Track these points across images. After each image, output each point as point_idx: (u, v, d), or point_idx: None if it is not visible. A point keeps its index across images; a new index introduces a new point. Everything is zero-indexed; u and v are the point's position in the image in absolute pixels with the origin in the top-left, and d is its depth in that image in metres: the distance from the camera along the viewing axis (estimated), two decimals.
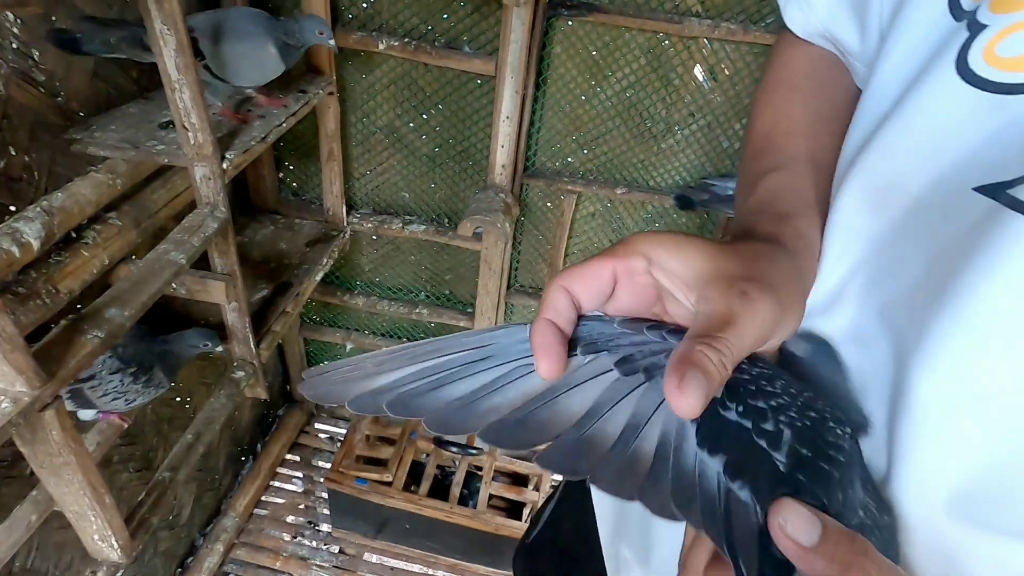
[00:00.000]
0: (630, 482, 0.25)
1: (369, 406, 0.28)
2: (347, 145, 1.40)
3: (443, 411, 0.27)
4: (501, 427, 0.26)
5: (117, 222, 0.92)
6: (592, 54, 1.20)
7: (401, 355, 0.30)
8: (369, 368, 0.29)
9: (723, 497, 0.25)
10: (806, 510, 0.23)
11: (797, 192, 0.37)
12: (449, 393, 0.28)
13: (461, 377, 0.28)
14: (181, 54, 0.74)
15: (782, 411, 0.26)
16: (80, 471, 0.65)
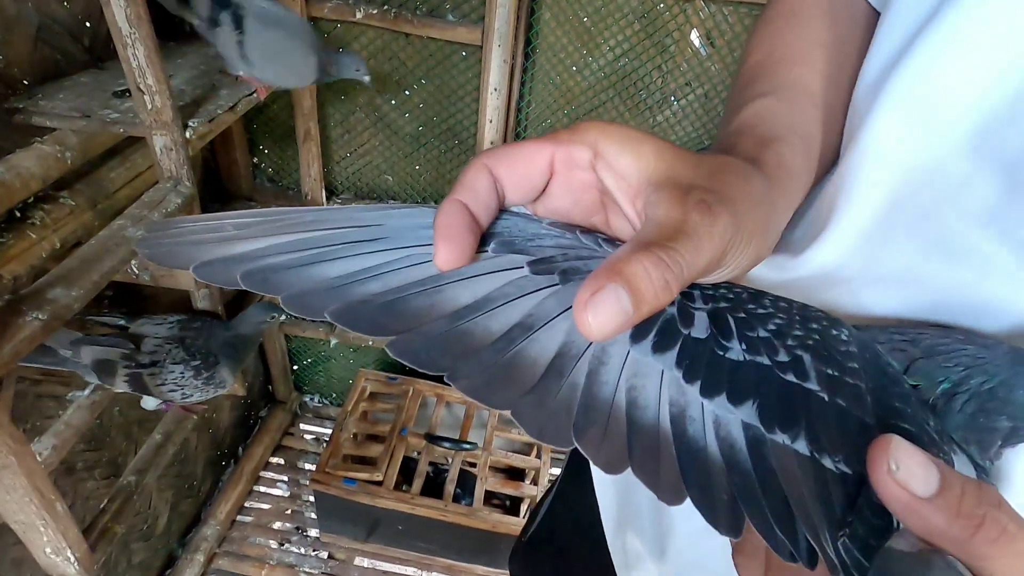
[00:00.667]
0: (503, 391, 0.20)
1: (220, 275, 0.22)
2: (325, 127, 1.32)
3: (307, 290, 0.22)
4: (361, 308, 0.21)
5: (70, 201, 0.83)
6: (583, 20, 1.13)
7: (272, 221, 0.24)
8: (229, 231, 0.24)
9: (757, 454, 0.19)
10: (918, 450, 0.18)
11: (785, 118, 0.33)
12: (321, 272, 0.22)
13: (339, 256, 0.23)
14: (132, 3, 0.65)
15: (787, 333, 0.22)
16: (24, 475, 0.57)
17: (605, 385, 0.20)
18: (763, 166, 0.28)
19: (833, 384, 0.21)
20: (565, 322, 0.21)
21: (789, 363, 0.21)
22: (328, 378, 1.84)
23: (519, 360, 0.20)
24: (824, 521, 0.18)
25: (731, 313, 0.22)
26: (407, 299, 0.21)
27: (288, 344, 1.74)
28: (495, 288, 0.22)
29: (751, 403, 0.20)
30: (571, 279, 0.22)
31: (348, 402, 1.55)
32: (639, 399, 0.20)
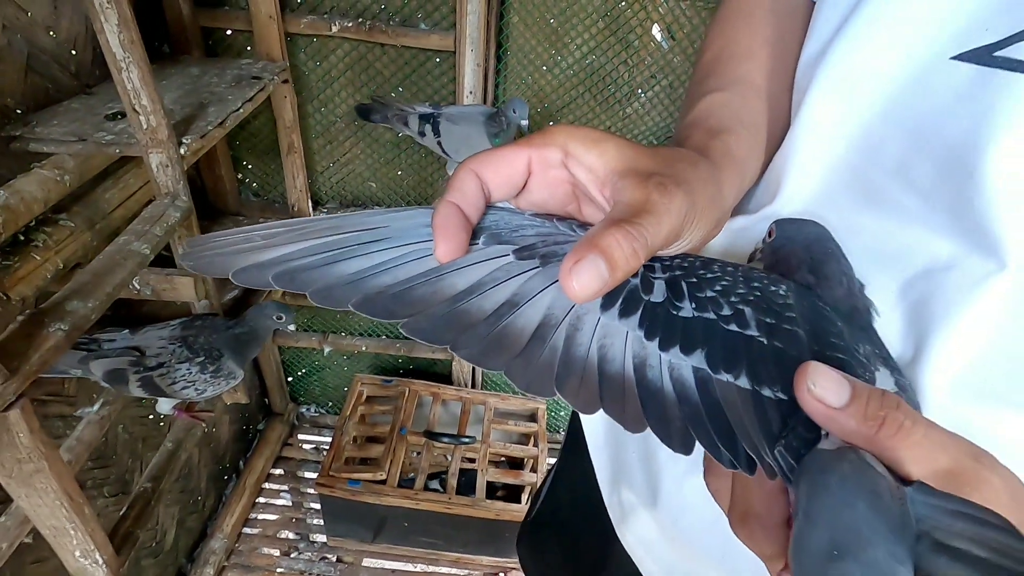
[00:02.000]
0: (497, 356, 0.24)
1: (255, 278, 0.27)
2: (307, 138, 1.36)
3: (330, 285, 0.26)
4: (377, 298, 0.25)
5: (69, 223, 0.86)
6: (550, 22, 1.19)
7: (294, 230, 0.28)
8: (258, 241, 0.28)
9: (704, 391, 0.24)
10: (832, 370, 0.23)
11: (733, 111, 0.37)
12: (340, 270, 0.27)
13: (354, 256, 0.27)
14: (125, 29, 0.69)
15: (731, 292, 0.26)
16: (55, 478, 0.60)
17: (580, 346, 0.25)
18: (711, 154, 0.32)
19: (771, 330, 0.25)
20: (546, 297, 0.26)
21: (732, 316, 0.25)
22: (323, 387, 1.87)
23: (508, 331, 0.25)
24: (763, 437, 0.23)
25: (684, 279, 0.27)
26: (414, 288, 0.26)
27: (282, 356, 1.76)
28: (486, 274, 0.26)
29: (700, 351, 0.24)
30: (549, 262, 0.27)
31: (346, 406, 1.58)
32: (608, 355, 0.25)
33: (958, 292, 0.29)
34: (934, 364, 0.29)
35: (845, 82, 0.33)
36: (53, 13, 0.88)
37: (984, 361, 0.29)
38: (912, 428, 0.21)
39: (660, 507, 0.48)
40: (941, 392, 0.30)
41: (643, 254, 0.24)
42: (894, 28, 0.31)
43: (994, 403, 0.29)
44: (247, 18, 1.15)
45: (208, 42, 1.22)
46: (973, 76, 0.28)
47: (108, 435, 1.10)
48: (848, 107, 0.33)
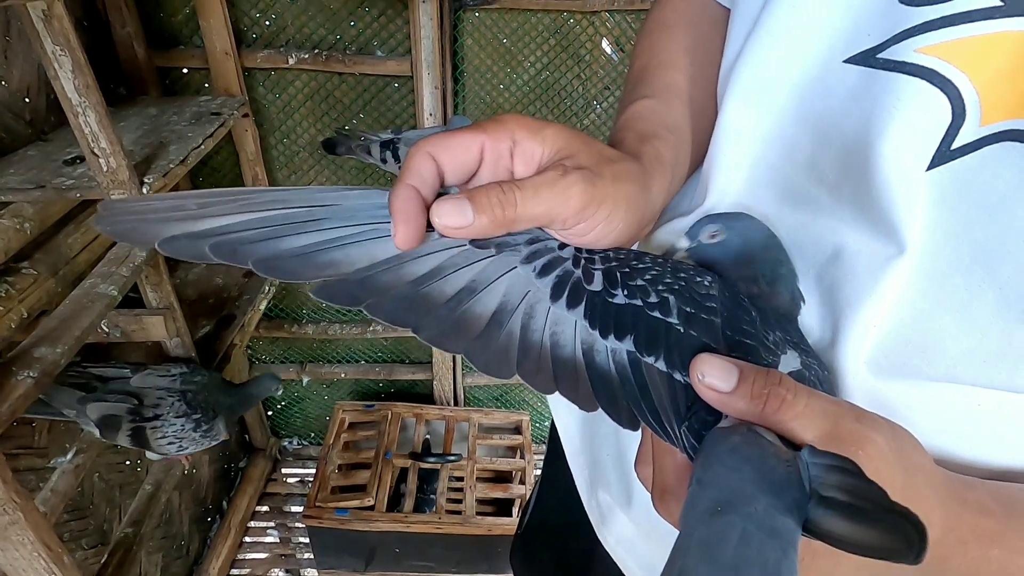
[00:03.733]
0: (455, 338, 0.26)
1: (186, 249, 0.24)
2: (271, 169, 1.36)
3: (277, 255, 0.25)
4: (340, 285, 0.25)
5: (32, 271, 0.85)
6: (503, 42, 1.22)
7: (235, 200, 0.27)
8: (192, 209, 0.26)
9: (636, 372, 0.27)
10: (720, 360, 0.25)
11: (660, 116, 0.40)
12: (287, 244, 0.26)
13: (303, 231, 0.26)
14: (79, 74, 0.70)
15: (659, 281, 0.29)
16: (31, 528, 0.59)
17: (535, 332, 0.27)
18: (642, 158, 0.34)
19: (689, 318, 0.28)
20: (502, 285, 0.27)
21: (657, 303, 0.28)
22: (304, 419, 1.84)
23: (467, 315, 0.26)
24: (673, 416, 0.26)
25: (618, 269, 0.29)
26: (375, 276, 0.26)
27: None
28: (446, 259, 0.27)
29: (630, 336, 0.27)
30: (503, 250, 0.28)
31: (329, 435, 1.56)
32: (559, 340, 0.27)
33: (864, 276, 0.31)
34: (850, 345, 0.32)
35: (756, 87, 0.36)
36: (4, 63, 0.88)
37: (897, 338, 0.31)
38: (793, 400, 0.24)
39: (634, 506, 0.49)
40: (860, 371, 0.32)
41: (510, 208, 0.26)
42: (794, 36, 0.34)
43: (913, 378, 0.31)
44: (203, 56, 1.15)
45: (165, 81, 1.22)
46: (861, 77, 0.30)
47: (83, 484, 1.08)
48: (761, 111, 0.36)
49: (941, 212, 0.29)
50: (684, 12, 0.46)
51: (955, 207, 0.28)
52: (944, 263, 0.29)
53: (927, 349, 0.30)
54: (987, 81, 0.27)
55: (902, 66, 0.29)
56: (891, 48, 0.29)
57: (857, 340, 0.32)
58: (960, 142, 0.28)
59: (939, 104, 0.28)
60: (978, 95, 0.27)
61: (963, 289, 0.29)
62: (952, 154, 0.28)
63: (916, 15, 0.28)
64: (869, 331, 0.31)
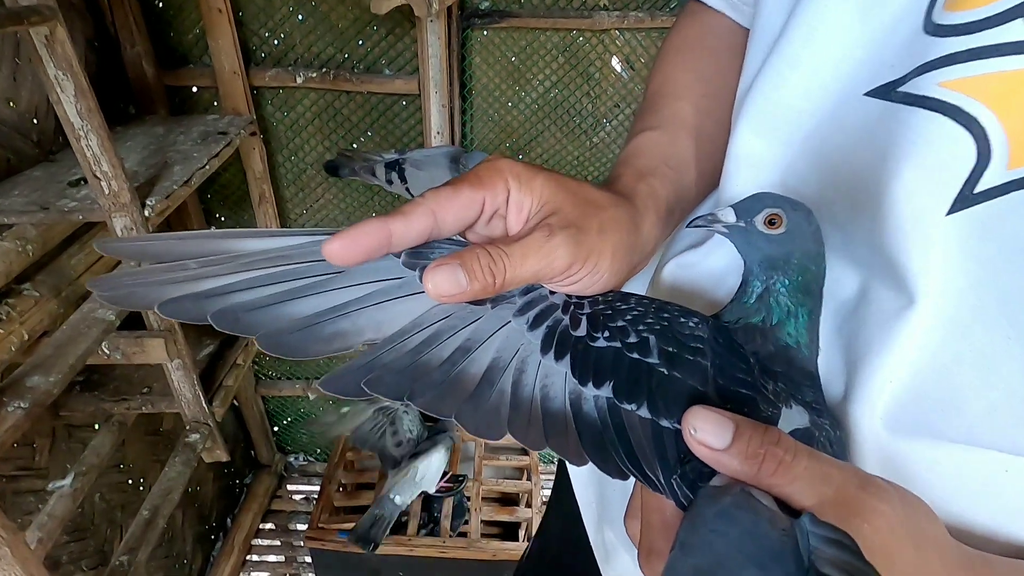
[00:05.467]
0: (448, 402, 0.25)
1: (187, 312, 0.24)
2: (279, 187, 1.36)
3: (281, 330, 0.24)
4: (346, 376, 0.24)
5: (34, 293, 0.84)
6: (511, 60, 1.21)
7: (236, 259, 0.25)
8: (192, 269, 0.25)
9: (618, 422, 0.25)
10: (715, 414, 0.23)
11: (662, 152, 0.39)
12: (293, 310, 0.25)
13: (307, 294, 0.25)
14: (81, 98, 0.69)
15: (639, 321, 0.27)
16: (18, 564, 0.57)
17: (526, 387, 0.26)
18: (636, 197, 0.33)
19: (672, 359, 0.26)
20: (495, 341, 0.27)
21: (636, 344, 0.27)
22: (310, 435, 1.83)
23: (460, 376, 0.25)
24: (658, 464, 0.24)
25: (602, 312, 0.28)
26: (380, 356, 0.25)
27: (266, 405, 1.73)
28: (444, 324, 0.27)
29: (609, 382, 0.26)
30: (498, 304, 0.27)
31: (334, 454, 1.55)
32: (550, 393, 0.26)
33: (876, 328, 0.29)
34: (864, 400, 0.30)
35: (767, 115, 0.34)
36: (13, 84, 0.89)
37: (915, 394, 0.29)
38: (792, 463, 0.22)
39: None
40: (874, 427, 0.30)
41: (499, 275, 0.25)
42: (810, 64, 0.32)
43: (931, 437, 0.28)
44: (212, 75, 1.16)
45: (174, 100, 1.23)
46: (880, 111, 0.29)
47: (84, 505, 1.07)
48: (770, 140, 0.34)
49: (962, 259, 0.26)
50: (700, 37, 0.45)
51: (978, 254, 0.26)
52: (966, 314, 0.27)
53: (947, 406, 0.28)
54: (1017, 121, 0.25)
55: (923, 100, 0.26)
56: (912, 81, 0.27)
57: (872, 394, 0.29)
58: (984, 185, 0.26)
59: (963, 143, 0.25)
60: (1006, 135, 0.25)
61: (986, 341, 0.26)
62: (976, 198, 0.26)
63: (941, 46, 0.26)
64: (885, 385, 0.29)
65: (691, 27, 0.46)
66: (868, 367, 0.29)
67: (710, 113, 0.42)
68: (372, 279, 0.26)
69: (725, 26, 0.45)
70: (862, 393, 0.30)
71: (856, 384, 0.30)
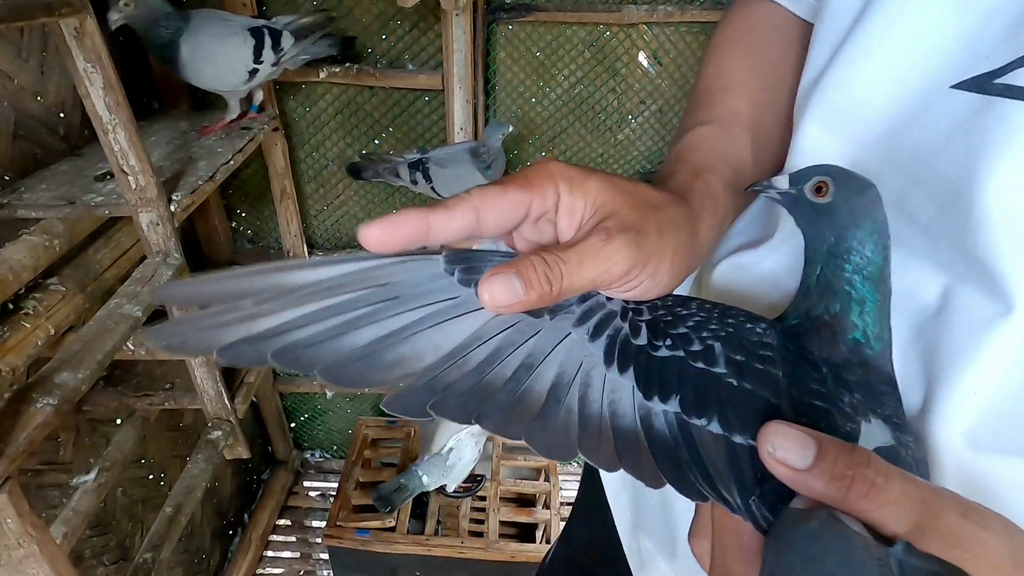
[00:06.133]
0: (516, 422, 0.24)
1: (247, 356, 0.23)
2: (300, 183, 1.35)
3: (341, 362, 0.24)
4: (409, 396, 0.24)
5: (60, 288, 0.84)
6: (536, 55, 1.19)
7: (291, 291, 0.25)
8: (247, 309, 0.24)
9: (689, 439, 0.24)
10: (795, 430, 0.21)
11: (717, 148, 0.37)
12: (351, 341, 0.24)
13: (364, 324, 0.25)
14: (110, 91, 0.68)
15: (703, 327, 0.26)
16: (46, 562, 0.57)
17: (594, 403, 0.25)
18: (692, 195, 0.32)
19: (741, 368, 0.25)
20: (558, 355, 0.26)
21: (700, 352, 0.25)
22: (327, 431, 1.83)
23: (526, 395, 0.24)
24: (734, 483, 0.23)
25: (663, 318, 0.27)
26: (442, 375, 0.24)
27: (283, 402, 1.73)
28: (504, 339, 0.26)
29: (675, 397, 0.24)
30: (557, 314, 0.26)
31: (351, 452, 1.54)
32: (618, 410, 0.25)
33: (965, 337, 0.27)
34: (945, 414, 0.28)
35: (838, 111, 0.32)
36: (40, 78, 0.88)
37: (1003, 409, 0.27)
38: (885, 486, 0.20)
39: (679, 557, 0.46)
40: (956, 443, 0.28)
41: (556, 283, 0.24)
42: (890, 55, 0.30)
43: (1017, 455, 0.27)
44: None
45: (197, 95, 1.22)
46: (972, 105, 0.27)
47: (106, 500, 1.07)
48: (842, 137, 0.33)
49: None
50: (752, 29, 0.43)
51: None
52: None
53: None
54: None
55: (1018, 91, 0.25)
56: (1013, 73, 0.25)
57: (954, 408, 0.28)
58: None
59: None
60: None
61: None
62: None
63: None
64: (969, 399, 0.27)
65: (744, 18, 0.44)
66: (951, 378, 0.28)
67: (767, 108, 0.40)
68: (427, 302, 0.26)
69: (780, 17, 0.43)
70: (942, 406, 0.28)
71: (936, 396, 0.28)
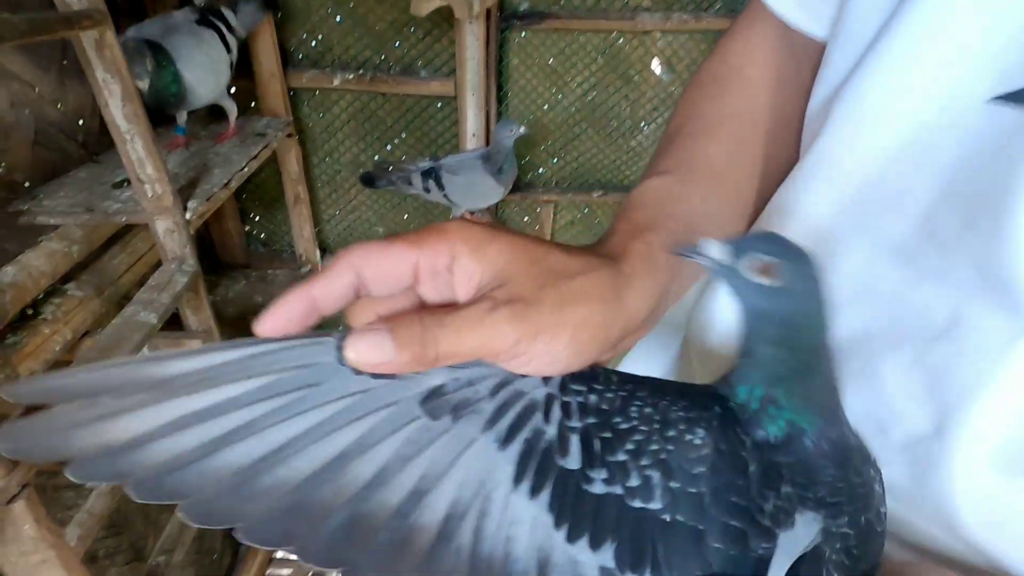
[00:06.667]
0: (398, 570, 0.20)
1: (102, 474, 0.19)
2: (313, 188, 1.36)
3: (211, 496, 0.19)
4: (270, 518, 0.20)
5: (77, 293, 0.85)
6: (549, 62, 1.19)
7: (159, 387, 0.20)
8: (107, 405, 0.20)
9: None
10: None
11: (666, 202, 0.34)
12: (222, 462, 0.20)
13: (238, 438, 0.20)
14: (128, 102, 0.69)
15: (643, 451, 0.23)
16: (62, 568, 0.57)
17: (487, 540, 0.21)
18: (626, 258, 0.29)
19: (675, 499, 0.22)
20: (457, 473, 0.22)
21: (639, 488, 0.22)
22: None
23: (413, 534, 0.20)
24: None
25: (598, 432, 0.23)
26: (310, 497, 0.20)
27: None
28: (398, 447, 0.21)
29: (609, 544, 0.21)
30: (463, 414, 0.22)
31: None
32: (514, 551, 0.21)
33: (982, 357, 0.26)
34: (965, 439, 0.27)
35: (862, 122, 0.31)
36: (60, 87, 0.90)
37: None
38: None
39: None
40: (981, 469, 0.27)
41: (432, 347, 0.22)
42: (923, 68, 0.29)
43: None
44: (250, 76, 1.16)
45: None
46: (1014, 119, 0.26)
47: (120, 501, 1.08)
48: (864, 149, 0.31)
49: None
50: (746, 65, 0.40)
51: None
52: None
53: None
54: None
55: None
56: None
57: (976, 432, 0.27)
58: None
59: None
60: None
61: None
62: None
63: None
64: (992, 422, 0.26)
65: (733, 51, 0.42)
66: (969, 401, 0.27)
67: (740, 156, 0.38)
68: (320, 402, 0.21)
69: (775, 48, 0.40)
70: (961, 431, 0.27)
71: (953, 420, 0.27)
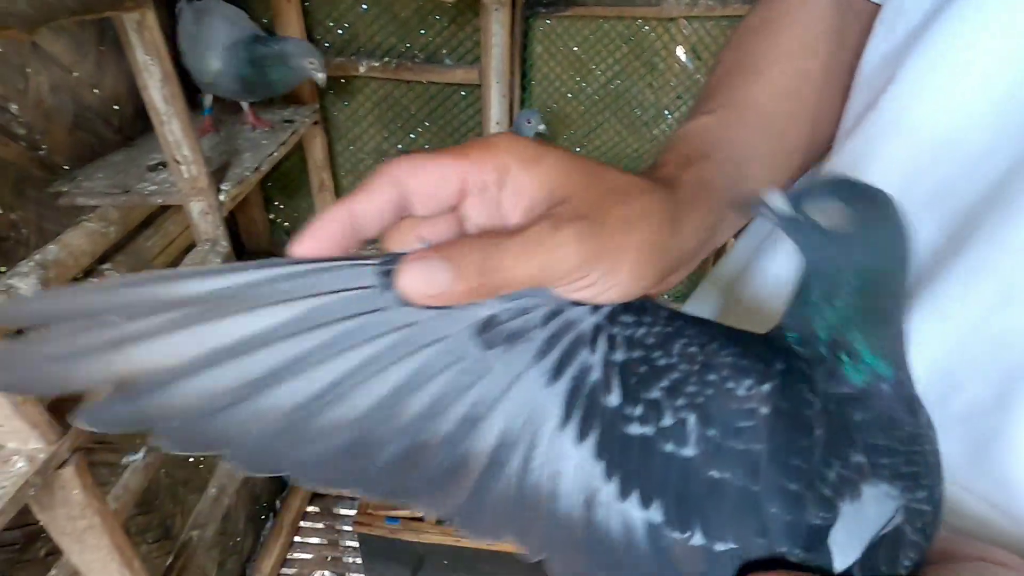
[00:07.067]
0: (452, 496, 0.19)
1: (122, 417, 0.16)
2: (337, 175, 1.38)
3: (258, 437, 0.17)
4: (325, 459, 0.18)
5: (114, 273, 0.87)
6: (573, 49, 1.19)
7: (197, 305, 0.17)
8: (122, 328, 0.16)
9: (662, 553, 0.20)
10: None
11: (717, 136, 0.32)
12: (269, 403, 0.17)
13: (300, 371, 0.18)
14: (167, 83, 0.71)
15: (679, 391, 0.21)
16: (107, 534, 0.59)
17: (533, 472, 0.20)
18: (679, 187, 0.27)
19: (716, 451, 0.20)
20: (507, 404, 0.20)
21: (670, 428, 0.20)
22: None
23: (465, 459, 0.20)
24: None
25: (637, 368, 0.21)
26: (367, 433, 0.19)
27: None
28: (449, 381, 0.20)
29: (658, 502, 0.20)
30: (515, 344, 0.21)
31: None
32: (559, 488, 0.20)
33: None
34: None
35: (941, 78, 0.29)
36: (98, 72, 0.92)
37: None
38: None
39: None
40: None
41: (490, 275, 0.20)
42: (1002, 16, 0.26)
43: None
44: None
45: None
46: None
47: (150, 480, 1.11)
48: (944, 107, 0.29)
49: None
50: (800, 10, 0.38)
51: None
52: None
53: None
54: None
55: None
56: None
57: None
58: None
59: None
60: None
61: None
62: None
63: None
64: None
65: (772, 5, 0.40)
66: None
67: (793, 96, 0.35)
68: (371, 335, 0.19)
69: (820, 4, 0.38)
70: None
71: (1017, 391, 0.26)
